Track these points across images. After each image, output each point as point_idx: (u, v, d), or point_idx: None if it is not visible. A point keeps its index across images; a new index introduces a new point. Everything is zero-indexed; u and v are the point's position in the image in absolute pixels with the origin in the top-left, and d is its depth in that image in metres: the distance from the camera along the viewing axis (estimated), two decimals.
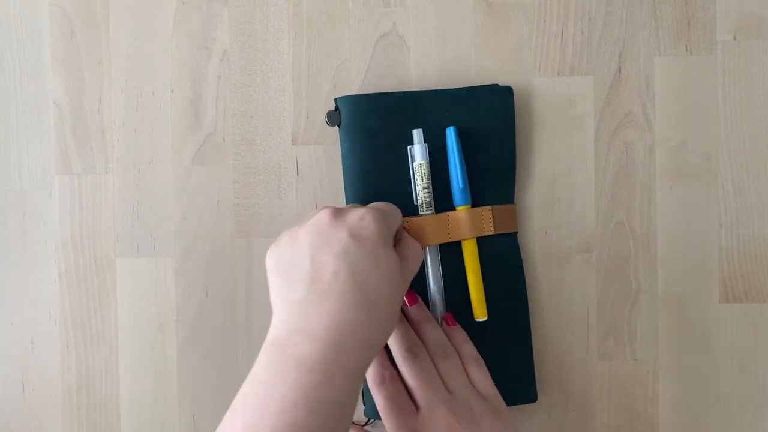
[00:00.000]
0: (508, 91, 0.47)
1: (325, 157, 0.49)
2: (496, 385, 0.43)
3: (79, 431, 0.50)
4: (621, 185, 0.49)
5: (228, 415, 0.35)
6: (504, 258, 0.47)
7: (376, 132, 0.46)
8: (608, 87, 0.49)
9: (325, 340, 0.35)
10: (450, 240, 0.46)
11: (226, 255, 0.50)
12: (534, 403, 0.48)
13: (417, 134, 0.46)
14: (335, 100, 0.47)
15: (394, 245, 0.41)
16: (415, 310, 0.45)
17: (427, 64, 0.49)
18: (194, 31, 0.50)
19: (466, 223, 0.46)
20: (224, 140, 0.50)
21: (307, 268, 0.37)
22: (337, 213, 0.39)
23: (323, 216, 0.39)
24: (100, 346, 0.50)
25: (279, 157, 0.49)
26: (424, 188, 0.46)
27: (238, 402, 0.35)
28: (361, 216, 0.39)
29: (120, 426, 0.50)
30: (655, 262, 0.49)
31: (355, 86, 0.49)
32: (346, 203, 0.47)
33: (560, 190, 0.49)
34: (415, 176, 0.46)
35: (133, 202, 0.50)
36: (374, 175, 0.47)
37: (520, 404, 0.47)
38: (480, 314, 0.46)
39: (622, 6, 0.49)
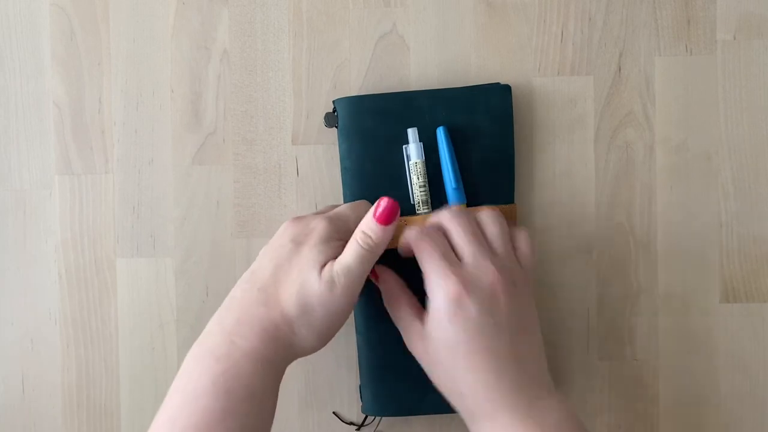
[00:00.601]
0: (506, 89, 0.47)
1: (325, 157, 0.49)
2: None
3: (79, 431, 0.50)
4: (621, 185, 0.49)
5: (158, 412, 0.38)
6: None
7: (373, 132, 0.47)
8: (608, 87, 0.49)
9: (231, 331, 0.39)
10: None
11: (226, 255, 0.50)
12: None
13: (412, 133, 0.46)
14: (333, 101, 0.48)
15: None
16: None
17: (427, 64, 0.49)
18: (194, 31, 0.50)
19: None
20: (224, 140, 0.50)
21: (250, 270, 0.42)
22: (293, 220, 0.42)
23: (283, 224, 0.43)
24: (100, 346, 0.50)
25: (279, 157, 0.49)
26: (420, 187, 0.46)
27: (166, 397, 0.39)
28: (315, 223, 0.41)
29: (120, 426, 0.50)
30: (655, 262, 0.49)
31: (355, 86, 0.49)
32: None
33: (560, 190, 0.49)
34: (411, 175, 0.46)
35: (133, 202, 0.50)
36: (372, 176, 0.47)
37: None
38: None
39: (622, 6, 0.49)
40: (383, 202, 0.41)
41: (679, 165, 0.49)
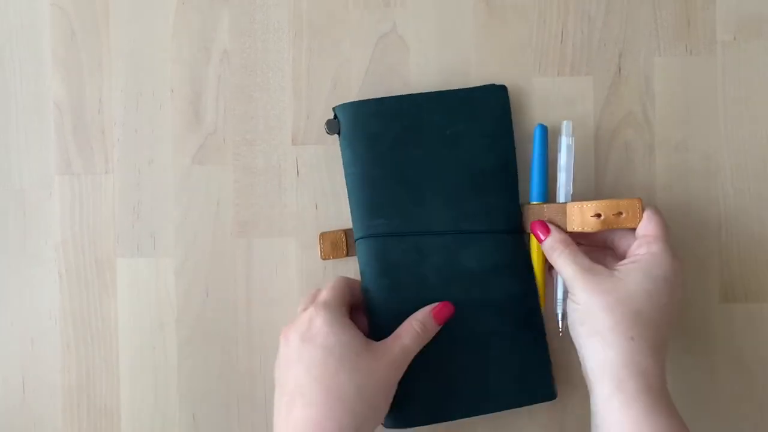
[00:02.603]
0: (501, 89, 0.47)
1: (325, 157, 0.49)
2: (512, 384, 0.46)
3: (79, 431, 0.50)
4: (621, 185, 0.49)
5: None
6: (515, 256, 0.47)
7: (377, 137, 0.46)
8: (608, 87, 0.49)
9: None
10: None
11: (226, 255, 0.50)
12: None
13: (567, 126, 0.46)
14: (333, 108, 0.47)
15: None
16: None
17: (427, 64, 0.49)
18: (194, 31, 0.50)
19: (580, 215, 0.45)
20: (224, 140, 0.50)
21: (278, 388, 0.43)
22: (287, 328, 0.43)
23: (280, 340, 0.43)
24: (100, 346, 0.50)
25: (279, 157, 0.49)
26: (569, 177, 0.46)
27: None
28: (310, 317, 0.42)
29: (120, 426, 0.50)
30: None
31: (355, 86, 0.49)
32: (351, 213, 0.47)
33: None
34: (564, 166, 0.46)
35: (133, 202, 0.50)
36: (380, 181, 0.46)
37: (540, 402, 0.47)
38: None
39: (622, 6, 0.49)
40: (443, 305, 0.45)
41: (679, 165, 0.49)
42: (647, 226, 0.43)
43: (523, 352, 0.47)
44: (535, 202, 0.46)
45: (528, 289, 0.47)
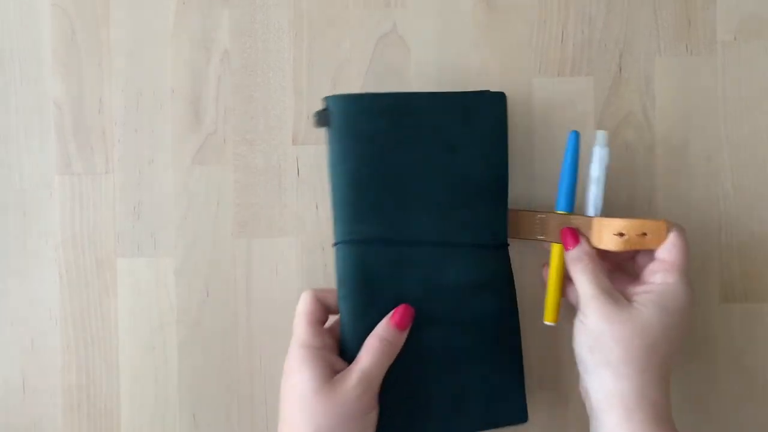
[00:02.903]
0: (500, 97, 0.45)
1: (325, 157, 0.49)
2: (485, 404, 0.44)
3: (79, 431, 0.50)
4: (621, 185, 0.49)
5: None
6: (498, 273, 0.45)
7: (370, 134, 0.44)
8: (608, 87, 0.49)
9: None
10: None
11: (226, 255, 0.50)
12: (535, 402, 0.48)
13: (602, 136, 0.44)
14: (325, 98, 0.44)
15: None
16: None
17: (427, 64, 0.49)
18: (194, 31, 0.50)
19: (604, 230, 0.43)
20: (224, 140, 0.50)
21: None
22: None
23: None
24: (100, 346, 0.50)
25: (279, 157, 0.49)
26: (601, 189, 0.44)
27: None
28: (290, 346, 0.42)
29: (120, 426, 0.50)
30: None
31: (355, 86, 0.49)
32: (333, 212, 0.45)
33: None
34: (594, 178, 0.44)
35: (133, 202, 0.50)
36: (368, 182, 0.43)
37: (511, 424, 0.45)
38: (550, 318, 0.45)
39: (622, 6, 0.49)
40: (401, 309, 0.42)
41: (679, 165, 0.49)
42: (669, 251, 0.42)
43: (498, 372, 0.45)
44: (561, 212, 0.45)
45: (507, 308, 0.45)
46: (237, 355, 0.50)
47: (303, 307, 0.43)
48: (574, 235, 0.43)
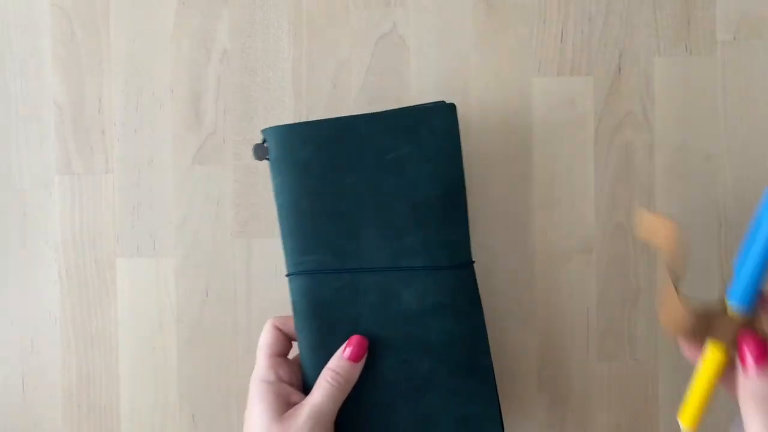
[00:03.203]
0: (449, 108, 0.43)
1: None
2: (459, 428, 0.43)
3: (79, 431, 0.50)
4: (621, 185, 0.49)
5: None
6: (459, 294, 0.43)
7: (308, 164, 0.42)
8: (608, 87, 0.49)
9: None
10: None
11: (226, 255, 0.50)
12: (535, 402, 0.48)
13: None
14: (262, 131, 0.44)
15: None
16: None
17: (427, 64, 0.49)
18: (194, 31, 0.50)
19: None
20: (224, 140, 0.50)
21: None
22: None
23: None
24: (100, 346, 0.50)
25: None
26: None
27: None
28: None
29: (120, 426, 0.50)
30: (655, 262, 0.49)
31: (355, 86, 0.49)
32: (282, 243, 0.43)
33: (560, 190, 0.49)
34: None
35: (133, 202, 0.50)
36: (310, 214, 0.42)
37: None
38: (689, 423, 0.38)
39: (622, 6, 0.49)
40: (354, 341, 0.42)
41: (679, 165, 0.49)
42: None
43: (467, 396, 0.43)
44: (737, 308, 0.33)
45: (472, 330, 0.43)
46: (237, 355, 0.50)
47: (263, 339, 0.43)
48: (763, 351, 0.32)
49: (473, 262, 0.44)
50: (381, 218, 0.43)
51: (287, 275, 0.43)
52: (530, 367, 0.48)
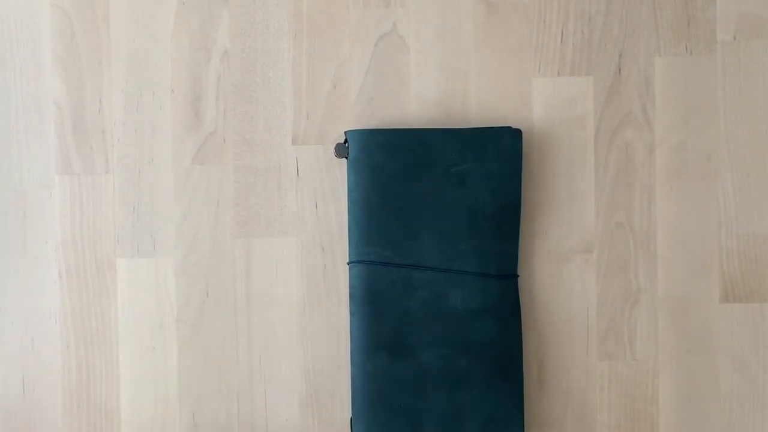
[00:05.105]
0: (516, 133, 0.47)
1: (325, 157, 0.49)
2: (479, 428, 0.46)
3: (79, 431, 0.50)
4: (621, 185, 0.49)
5: None
6: (503, 301, 0.47)
7: (382, 167, 0.47)
8: (608, 87, 0.49)
9: None
10: None
11: (226, 255, 0.50)
12: (535, 402, 0.48)
13: None
14: (345, 133, 0.48)
15: None
16: None
17: (427, 64, 0.49)
18: (194, 31, 0.50)
19: None
20: (224, 140, 0.50)
21: None
22: None
23: None
24: (100, 346, 0.50)
25: (279, 157, 0.49)
26: None
27: None
28: None
29: (120, 426, 0.50)
30: (655, 262, 0.49)
31: (355, 86, 0.49)
32: (348, 234, 0.47)
33: (560, 190, 0.49)
34: None
35: (133, 202, 0.50)
36: (378, 211, 0.47)
37: None
38: None
39: (622, 6, 0.49)
40: None
41: (679, 165, 0.49)
42: None
43: (498, 398, 0.46)
44: None
45: (511, 337, 0.47)
46: (237, 355, 0.50)
47: None
48: None
49: (518, 276, 0.47)
50: (440, 223, 0.47)
51: (348, 263, 0.47)
52: (530, 367, 0.48)
